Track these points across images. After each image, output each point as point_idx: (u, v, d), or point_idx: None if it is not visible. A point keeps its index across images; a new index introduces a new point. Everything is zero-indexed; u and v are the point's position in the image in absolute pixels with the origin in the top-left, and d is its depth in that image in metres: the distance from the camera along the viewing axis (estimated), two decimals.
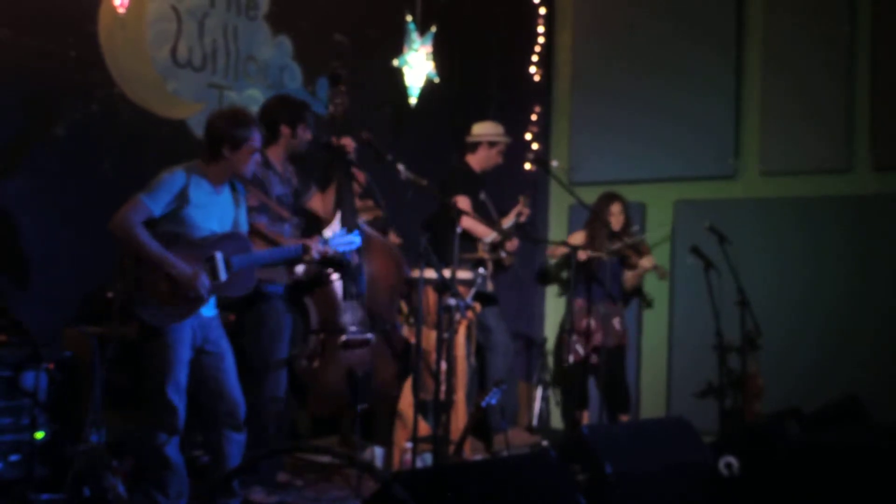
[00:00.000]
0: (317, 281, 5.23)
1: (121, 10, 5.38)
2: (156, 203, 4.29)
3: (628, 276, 7.26)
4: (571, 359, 6.87)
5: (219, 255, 4.39)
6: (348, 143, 5.32)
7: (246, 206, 4.74)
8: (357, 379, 5.04)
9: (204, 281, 4.32)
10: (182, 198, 4.35)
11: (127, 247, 4.27)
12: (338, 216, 5.26)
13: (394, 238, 5.75)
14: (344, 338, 5.16)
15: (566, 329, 7.04)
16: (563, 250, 7.01)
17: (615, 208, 7.06)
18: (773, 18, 7.69)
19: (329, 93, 5.38)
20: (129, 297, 4.24)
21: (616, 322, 7.03)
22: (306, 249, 4.73)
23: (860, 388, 6.07)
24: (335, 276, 5.17)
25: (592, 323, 6.83)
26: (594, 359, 6.93)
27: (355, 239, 4.89)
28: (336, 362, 5.16)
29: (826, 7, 7.44)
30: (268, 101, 5.46)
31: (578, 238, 7.06)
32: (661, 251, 7.68)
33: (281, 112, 5.22)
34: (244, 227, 4.66)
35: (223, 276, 4.39)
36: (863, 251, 7.16)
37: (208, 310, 4.49)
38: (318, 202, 5.42)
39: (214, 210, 4.48)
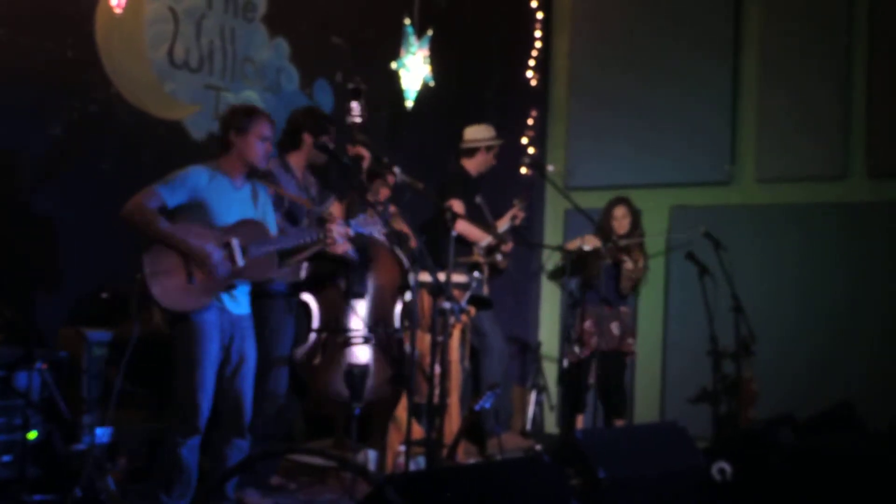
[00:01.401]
0: (320, 280, 5.25)
1: (118, 11, 5.38)
2: (170, 193, 4.33)
3: (623, 282, 7.24)
4: (566, 362, 6.87)
5: (235, 242, 4.40)
6: (361, 151, 5.34)
7: (272, 207, 4.74)
8: (354, 378, 5.05)
9: (215, 255, 4.32)
10: (199, 192, 4.39)
11: (138, 229, 4.28)
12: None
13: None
14: (344, 338, 5.17)
15: (570, 334, 7.02)
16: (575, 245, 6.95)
17: (618, 212, 7.02)
18: (770, 26, 7.71)
19: (348, 106, 5.42)
20: (146, 288, 4.23)
21: (614, 326, 7.00)
22: (327, 234, 4.72)
23: (854, 394, 6.09)
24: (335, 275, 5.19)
25: (589, 326, 6.83)
26: (593, 362, 6.92)
27: (379, 225, 4.90)
28: (337, 361, 5.17)
29: (823, 15, 7.46)
30: (294, 111, 5.52)
31: (590, 240, 6.98)
32: (656, 255, 7.67)
33: (305, 121, 5.29)
34: (272, 227, 4.67)
35: (240, 261, 4.40)
36: (857, 258, 7.17)
37: (237, 307, 4.50)
38: (337, 211, 5.45)
39: (234, 206, 4.50)
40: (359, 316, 5.26)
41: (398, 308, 5.48)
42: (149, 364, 4.60)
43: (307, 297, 5.28)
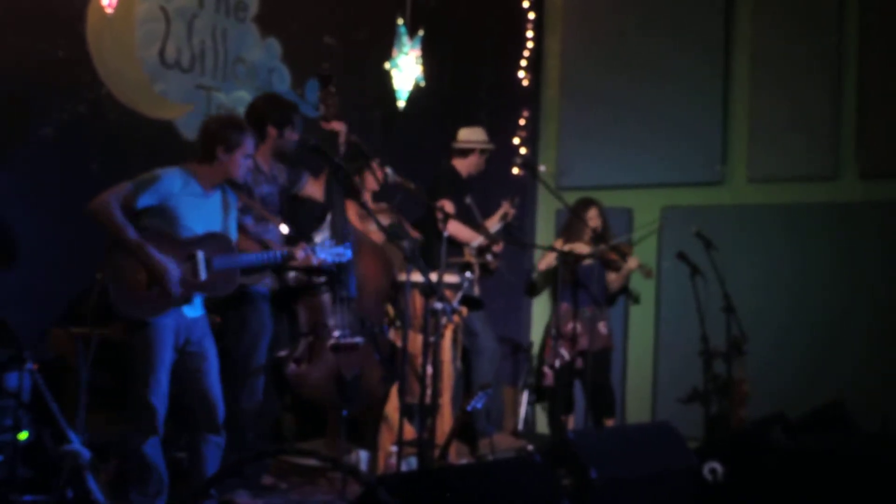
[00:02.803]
0: (306, 287, 5.23)
1: (109, 10, 5.36)
2: (141, 195, 4.32)
3: (612, 279, 7.28)
4: (557, 363, 6.87)
5: (200, 255, 4.40)
6: (338, 126, 5.30)
7: (236, 212, 4.73)
8: (346, 382, 5.04)
9: (173, 274, 4.32)
10: (169, 196, 4.38)
11: (104, 228, 4.29)
12: (328, 219, 5.26)
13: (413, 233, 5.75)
14: (333, 341, 5.16)
15: (551, 333, 7.06)
16: (551, 258, 6.99)
17: (592, 213, 7.07)
18: (760, 26, 7.73)
19: (319, 94, 5.38)
20: (105, 289, 4.24)
21: (601, 326, 7.04)
22: (291, 256, 4.73)
23: (845, 394, 6.10)
24: (322, 279, 5.17)
25: (578, 327, 6.84)
26: (579, 363, 6.94)
27: (346, 252, 4.90)
28: (325, 365, 5.15)
29: (814, 15, 7.47)
30: (255, 100, 5.45)
31: (558, 245, 7.03)
32: (647, 256, 7.68)
33: (269, 112, 5.21)
34: (233, 234, 4.66)
35: (203, 275, 4.40)
36: (848, 258, 7.19)
37: (193, 310, 4.49)
38: (313, 188, 5.42)
39: (202, 212, 4.50)
40: (346, 317, 5.24)
41: (386, 307, 5.47)
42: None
43: (293, 301, 5.27)
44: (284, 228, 4.97)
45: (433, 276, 5.10)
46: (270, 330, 5.12)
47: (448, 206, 6.41)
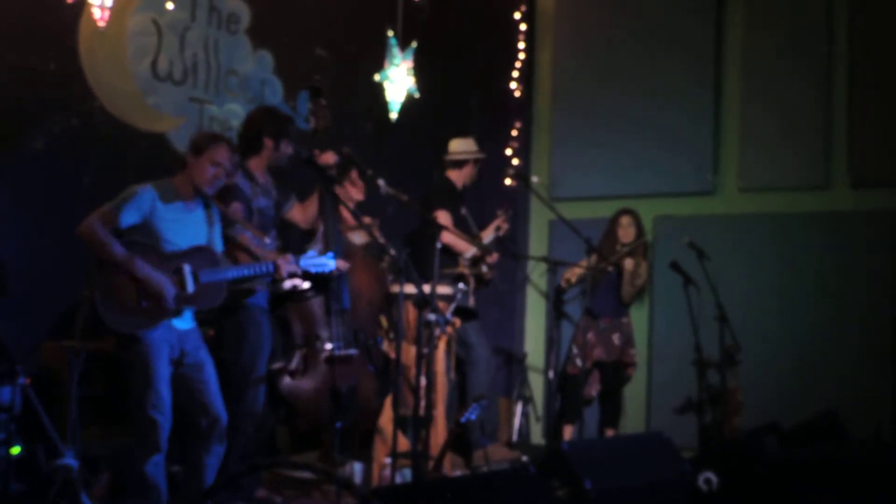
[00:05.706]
0: (295, 296, 5.22)
1: (101, 24, 5.36)
2: (121, 213, 4.33)
3: (625, 287, 7.17)
4: (579, 362, 6.86)
5: (187, 268, 4.41)
6: (329, 157, 5.32)
7: (221, 225, 4.73)
8: (341, 394, 5.03)
9: (169, 290, 4.33)
10: (150, 212, 4.39)
11: (93, 251, 4.30)
12: (320, 231, 5.26)
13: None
14: (327, 353, 5.15)
15: (570, 345, 7.05)
16: (578, 272, 7.00)
17: (624, 220, 7.13)
18: (751, 36, 7.76)
19: (310, 107, 5.38)
20: (94, 306, 4.23)
21: (615, 338, 7.01)
22: (277, 268, 4.72)
23: (838, 403, 6.11)
24: (310, 292, 5.16)
25: (592, 338, 6.87)
26: (595, 374, 6.96)
27: (329, 262, 4.88)
28: (319, 377, 5.15)
29: (804, 25, 7.51)
30: (252, 112, 5.45)
31: (592, 261, 7.01)
32: None
33: (265, 124, 5.21)
34: (219, 248, 4.66)
35: (190, 288, 4.40)
36: (840, 267, 7.21)
37: (183, 323, 4.49)
38: (297, 213, 5.43)
39: (186, 226, 4.51)
40: (338, 329, 5.23)
41: (379, 318, 5.47)
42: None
43: (285, 312, 5.26)
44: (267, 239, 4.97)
45: (426, 288, 5.10)
46: (270, 341, 5.12)
47: (444, 216, 6.42)
